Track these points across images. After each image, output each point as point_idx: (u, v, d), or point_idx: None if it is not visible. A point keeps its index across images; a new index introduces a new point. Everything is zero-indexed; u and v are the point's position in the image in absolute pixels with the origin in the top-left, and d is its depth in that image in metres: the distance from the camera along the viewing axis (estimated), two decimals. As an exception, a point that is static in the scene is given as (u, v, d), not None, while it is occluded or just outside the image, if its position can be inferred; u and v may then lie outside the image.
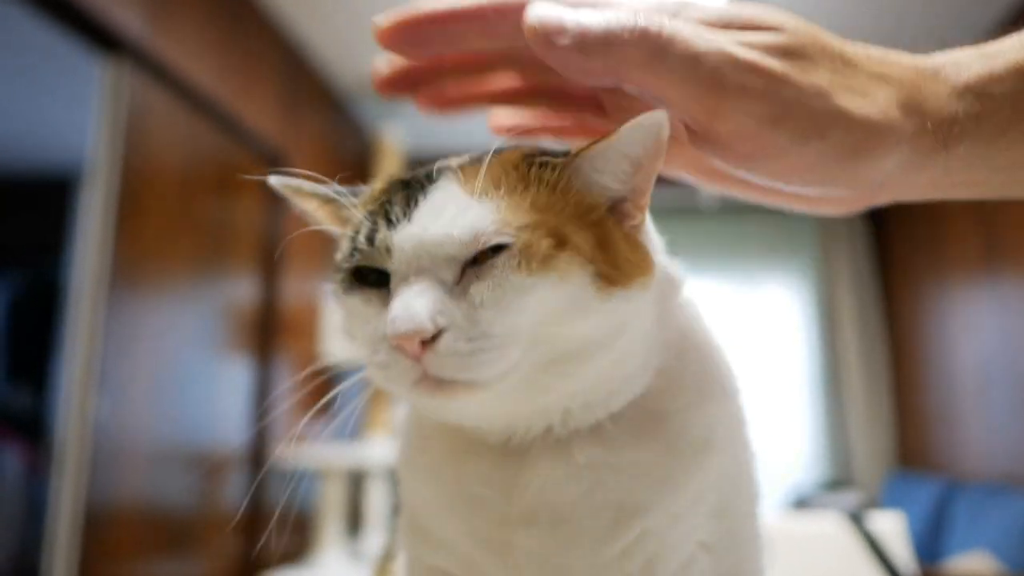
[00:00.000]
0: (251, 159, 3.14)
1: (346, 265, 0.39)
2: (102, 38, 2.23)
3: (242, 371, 3.06)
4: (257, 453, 3.09)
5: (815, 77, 0.35)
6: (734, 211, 4.54)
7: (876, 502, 4.51)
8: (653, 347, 0.40)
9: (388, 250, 0.37)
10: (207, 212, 2.83)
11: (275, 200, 3.28)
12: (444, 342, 0.34)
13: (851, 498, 4.65)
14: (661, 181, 0.39)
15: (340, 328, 0.42)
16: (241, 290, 3.07)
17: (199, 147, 2.77)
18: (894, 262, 4.63)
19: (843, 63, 0.37)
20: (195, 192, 2.74)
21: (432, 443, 0.43)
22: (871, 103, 0.36)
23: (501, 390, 0.36)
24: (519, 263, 0.35)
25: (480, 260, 0.35)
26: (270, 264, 3.26)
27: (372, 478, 3.58)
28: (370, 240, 0.38)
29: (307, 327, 3.57)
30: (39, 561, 2.06)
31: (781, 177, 0.38)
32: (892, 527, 1.33)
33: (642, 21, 0.35)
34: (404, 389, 0.36)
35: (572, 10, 0.36)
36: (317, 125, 3.75)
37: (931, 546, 3.51)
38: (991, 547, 2.89)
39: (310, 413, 0.46)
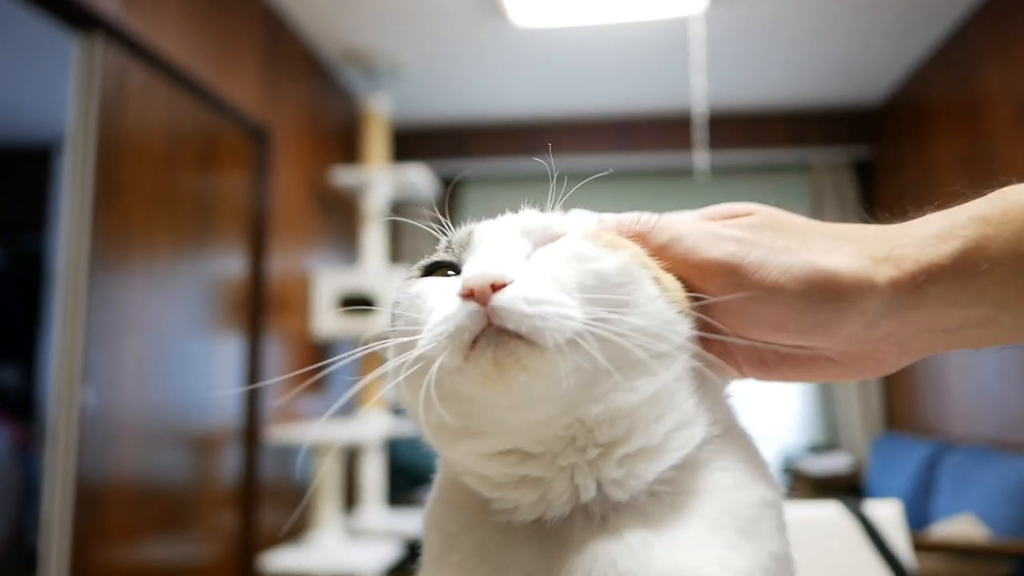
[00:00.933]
0: (234, 132, 3.07)
1: (426, 260, 0.44)
2: (76, 16, 2.15)
3: (232, 348, 3.04)
4: (250, 430, 3.08)
5: (783, 240, 0.40)
6: (726, 174, 4.51)
7: (863, 465, 4.58)
8: (697, 408, 0.40)
9: (469, 236, 0.42)
10: (190, 187, 2.77)
11: (260, 173, 3.22)
12: (513, 290, 0.36)
13: (838, 460, 4.72)
14: (656, 146, 0.44)
15: (395, 319, 0.43)
16: (228, 266, 3.03)
17: (179, 122, 2.70)
18: (883, 222, 4.63)
19: (810, 231, 0.41)
20: (177, 167, 2.68)
21: (459, 540, 0.41)
22: (837, 256, 0.39)
23: (557, 373, 0.35)
24: (585, 239, 0.40)
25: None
26: (257, 239, 3.21)
27: (367, 453, 3.59)
28: (452, 241, 0.43)
29: (297, 302, 3.54)
30: (35, 539, 2.06)
31: (769, 329, 0.40)
32: (890, 514, 1.33)
33: (643, 218, 0.43)
34: (460, 347, 0.36)
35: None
36: (301, 96, 3.67)
37: (918, 509, 3.57)
38: (978, 511, 2.93)
39: (302, 388, 0.44)
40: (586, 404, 0.37)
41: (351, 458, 3.67)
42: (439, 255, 0.44)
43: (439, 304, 0.38)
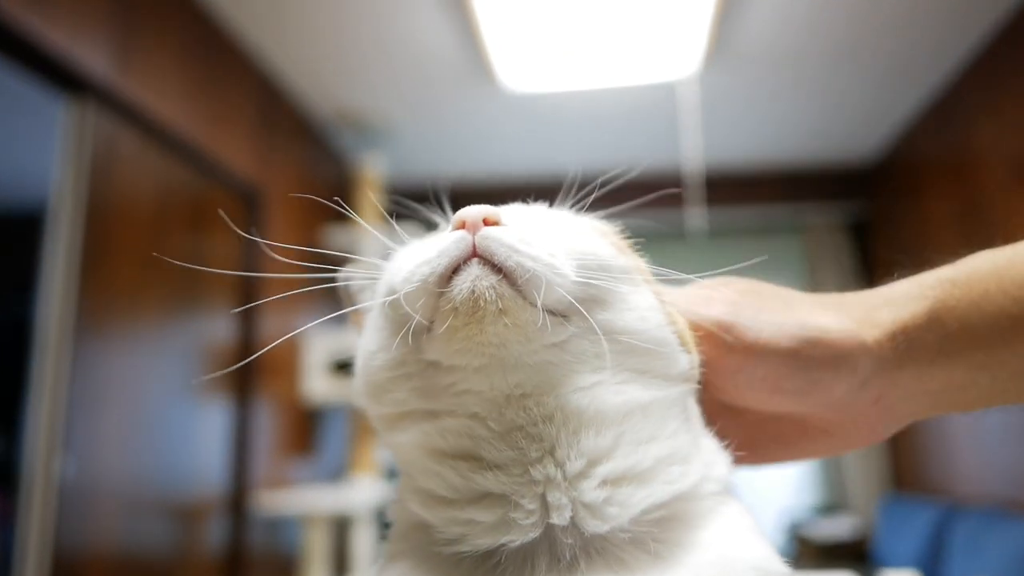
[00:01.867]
0: (226, 195, 3.05)
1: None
2: (65, 79, 2.15)
3: (220, 413, 2.95)
4: (237, 498, 2.97)
5: (770, 303, 0.40)
6: (721, 235, 4.51)
7: (871, 527, 4.45)
8: (694, 447, 0.36)
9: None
10: (180, 251, 2.74)
11: (251, 237, 3.19)
12: (503, 228, 0.34)
13: (846, 523, 4.59)
14: (648, 205, 0.47)
15: (380, 285, 0.40)
16: (217, 329, 2.97)
17: (170, 185, 2.68)
18: (879, 282, 4.61)
19: (792, 298, 0.42)
20: (167, 231, 2.65)
21: (397, 563, 0.36)
22: (824, 317, 0.39)
23: (538, 336, 0.33)
24: (592, 228, 0.40)
25: None
26: (247, 302, 3.16)
27: (358, 522, 3.47)
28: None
29: (287, 367, 3.47)
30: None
31: (764, 391, 0.39)
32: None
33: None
34: (438, 272, 0.33)
35: None
36: (294, 158, 3.68)
37: (931, 572, 3.45)
38: (992, 574, 2.84)
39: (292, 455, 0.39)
40: (567, 389, 0.34)
41: (342, 527, 3.54)
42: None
43: (424, 248, 0.36)
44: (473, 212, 0.35)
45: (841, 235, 4.74)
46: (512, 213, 0.38)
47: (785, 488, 4.93)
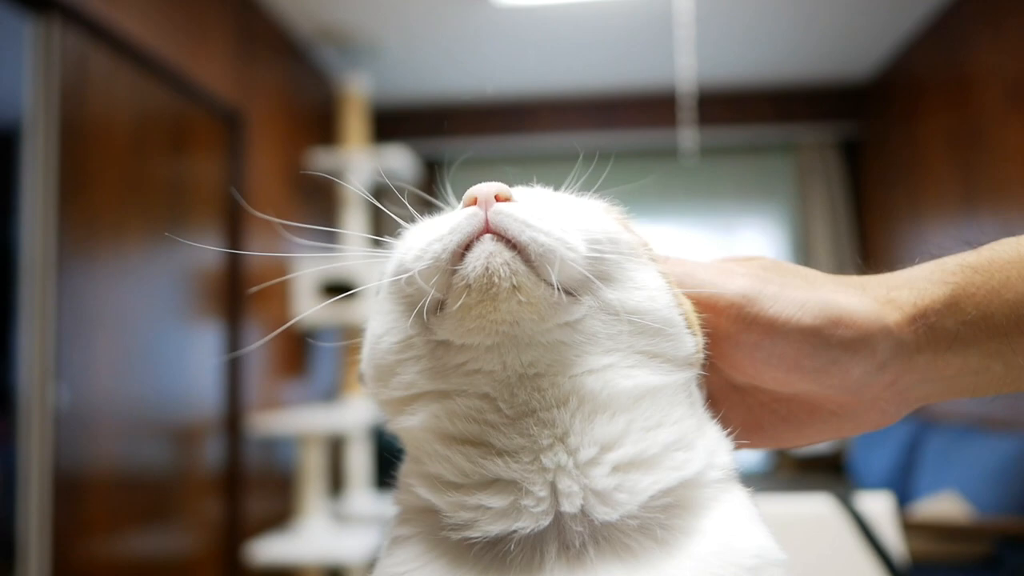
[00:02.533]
0: (205, 117, 2.98)
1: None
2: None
3: (211, 337, 2.98)
4: (232, 419, 3.04)
5: (792, 280, 0.40)
6: (713, 154, 4.46)
7: (848, 441, 4.60)
8: (699, 433, 0.37)
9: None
10: (161, 174, 2.69)
11: (235, 158, 3.14)
12: (515, 204, 0.34)
13: (824, 437, 4.74)
14: (641, 124, 0.42)
15: (389, 265, 0.39)
16: (204, 253, 2.96)
17: (147, 107, 2.61)
18: (870, 202, 4.61)
19: (813, 275, 0.41)
20: (146, 154, 2.59)
21: (404, 547, 0.36)
22: (846, 296, 0.39)
23: (551, 314, 0.33)
24: (603, 209, 0.40)
25: None
26: (233, 225, 3.14)
27: (351, 441, 3.56)
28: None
29: (277, 290, 3.48)
30: (14, 532, 2.01)
31: (781, 368, 0.39)
32: (882, 508, 1.32)
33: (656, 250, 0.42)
34: (450, 248, 0.33)
35: None
36: (275, 78, 3.57)
37: (902, 487, 3.59)
38: (960, 488, 2.95)
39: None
40: (579, 370, 0.34)
41: (336, 444, 3.64)
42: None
43: (435, 226, 0.36)
44: (485, 189, 0.34)
45: (833, 154, 4.70)
46: (523, 191, 0.38)
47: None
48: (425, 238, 0.35)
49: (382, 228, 4.97)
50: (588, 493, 0.33)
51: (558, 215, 0.35)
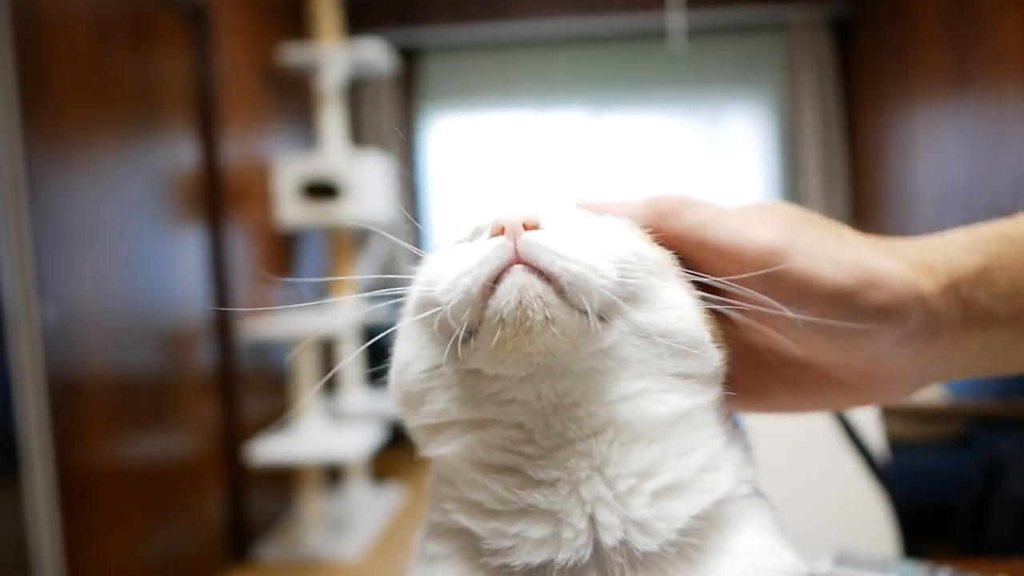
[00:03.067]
0: (167, 11, 2.81)
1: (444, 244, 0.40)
2: None
3: (194, 242, 2.94)
4: (222, 324, 3.05)
5: (827, 234, 0.37)
6: (699, 35, 4.30)
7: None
8: (726, 452, 0.36)
9: (497, 220, 0.37)
10: (126, 73, 2.56)
11: (202, 54, 2.99)
12: (544, 232, 0.33)
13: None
14: (626, 7, 0.39)
15: (414, 293, 0.38)
16: (179, 156, 2.87)
17: (104, 2, 2.45)
18: (860, 85, 4.51)
19: (843, 232, 0.38)
20: (108, 52, 2.46)
21: (441, 567, 0.36)
22: (880, 257, 0.36)
23: (586, 342, 0.32)
24: (628, 224, 0.38)
25: None
26: (207, 125, 3.03)
27: (343, 342, 3.60)
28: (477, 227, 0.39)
29: (257, 190, 3.40)
30: (15, 440, 2.05)
31: (804, 332, 0.36)
32: (865, 410, 1.35)
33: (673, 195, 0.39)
34: (480, 280, 0.32)
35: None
36: (239, -36, 3.35)
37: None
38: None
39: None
40: (614, 397, 0.33)
41: (328, 344, 3.68)
42: (460, 238, 0.40)
43: (462, 256, 0.34)
44: (512, 217, 0.33)
45: (823, 34, 4.54)
46: (548, 213, 0.36)
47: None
48: (453, 269, 0.34)
49: (362, 124, 4.83)
50: (628, 524, 0.33)
51: (586, 239, 0.34)
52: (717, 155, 4.76)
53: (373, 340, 0.44)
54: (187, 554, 2.72)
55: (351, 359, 3.66)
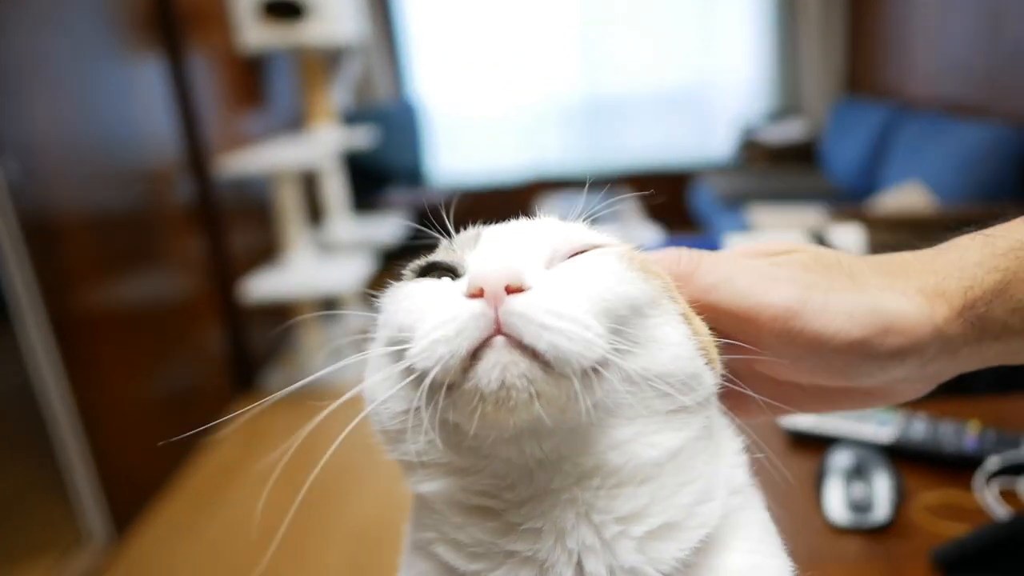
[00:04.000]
0: None
1: (421, 261, 0.38)
2: None
3: (153, 72, 2.75)
4: (195, 159, 2.94)
5: (836, 280, 0.38)
6: None
7: (821, 129, 4.62)
8: (717, 476, 0.35)
9: (477, 237, 0.37)
10: None
11: None
12: (532, 296, 0.30)
13: (796, 126, 4.75)
14: None
15: (379, 328, 0.37)
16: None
17: None
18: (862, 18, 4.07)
19: (856, 269, 0.39)
20: None
21: None
22: (893, 296, 0.37)
23: (576, 406, 0.30)
24: (619, 258, 0.35)
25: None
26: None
27: (324, 173, 3.51)
28: (454, 241, 0.38)
29: (215, 15, 3.14)
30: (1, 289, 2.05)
31: (824, 374, 0.38)
32: (855, 242, 1.35)
33: (686, 255, 0.39)
34: (458, 356, 0.29)
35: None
36: None
37: (869, 176, 3.69)
38: (927, 178, 3.02)
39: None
40: (603, 447, 0.32)
41: (309, 175, 3.59)
42: (437, 255, 0.38)
43: (437, 307, 0.32)
44: (492, 279, 0.30)
45: None
46: (532, 263, 0.33)
47: (739, 95, 4.97)
48: (427, 324, 0.31)
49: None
50: (616, 570, 0.32)
51: (575, 294, 0.31)
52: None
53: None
54: (194, 387, 2.83)
55: (335, 189, 3.59)
